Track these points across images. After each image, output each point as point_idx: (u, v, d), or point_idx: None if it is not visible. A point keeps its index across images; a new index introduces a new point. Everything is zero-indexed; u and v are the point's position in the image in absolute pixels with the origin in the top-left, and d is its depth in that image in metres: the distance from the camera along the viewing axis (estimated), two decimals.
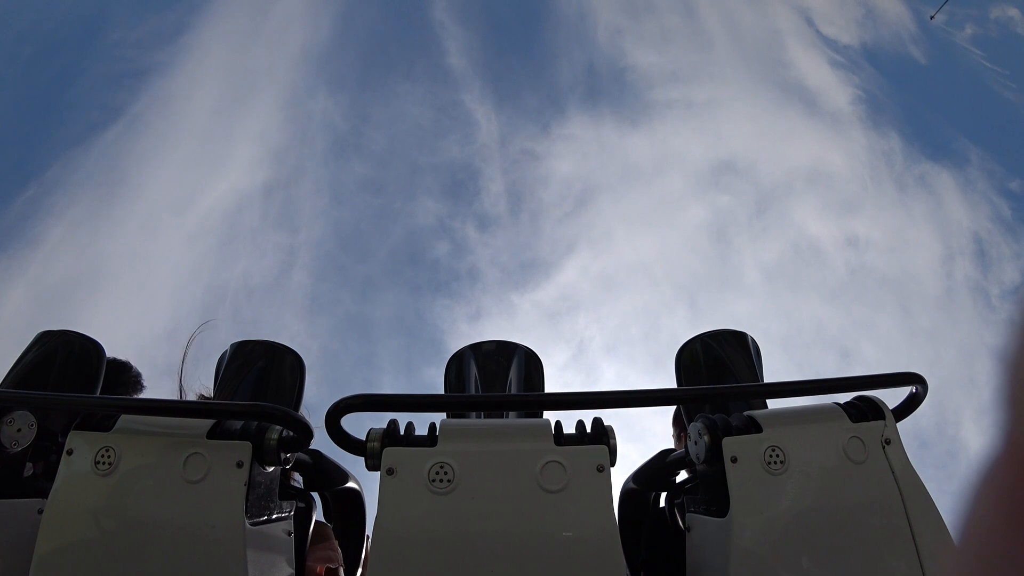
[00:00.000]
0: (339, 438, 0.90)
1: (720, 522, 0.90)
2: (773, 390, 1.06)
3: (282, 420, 0.90)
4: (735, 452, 0.90)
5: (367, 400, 0.90)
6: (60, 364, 1.16)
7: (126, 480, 0.86)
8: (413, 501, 0.83)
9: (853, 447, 0.92)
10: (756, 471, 0.89)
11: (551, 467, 0.86)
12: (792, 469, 0.90)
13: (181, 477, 0.85)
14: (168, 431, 0.90)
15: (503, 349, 1.32)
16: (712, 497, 0.94)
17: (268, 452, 0.90)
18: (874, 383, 1.02)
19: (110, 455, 0.87)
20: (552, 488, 0.84)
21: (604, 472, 0.87)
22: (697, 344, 1.26)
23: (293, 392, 1.20)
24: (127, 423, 0.91)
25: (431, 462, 0.85)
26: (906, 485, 0.91)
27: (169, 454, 0.87)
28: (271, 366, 1.20)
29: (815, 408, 1.00)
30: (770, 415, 0.98)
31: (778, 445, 0.91)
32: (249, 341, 1.22)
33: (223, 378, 1.18)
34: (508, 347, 1.32)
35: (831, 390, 1.02)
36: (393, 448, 0.87)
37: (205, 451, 0.87)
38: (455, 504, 0.83)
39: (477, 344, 1.33)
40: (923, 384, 1.03)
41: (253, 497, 0.88)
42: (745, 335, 1.26)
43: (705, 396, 1.15)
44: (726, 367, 1.22)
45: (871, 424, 0.95)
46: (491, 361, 1.31)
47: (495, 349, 1.32)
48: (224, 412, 0.94)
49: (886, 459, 0.93)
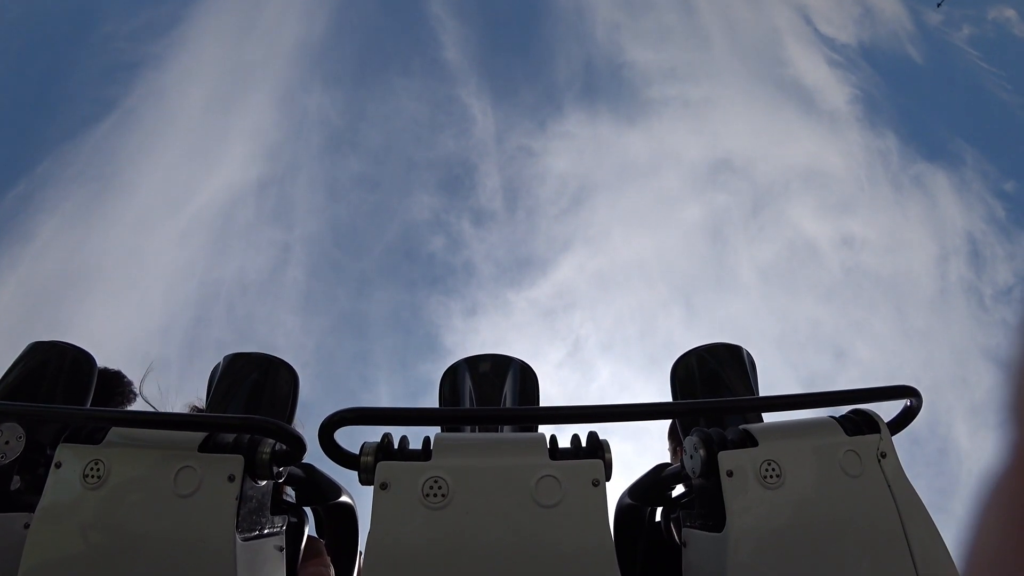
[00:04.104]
0: (332, 452, 0.89)
1: (716, 537, 0.89)
2: (768, 403, 1.06)
3: (275, 433, 0.90)
4: (731, 466, 0.90)
5: (361, 414, 0.90)
6: (50, 375, 1.14)
7: (115, 494, 0.84)
8: (407, 516, 0.82)
9: (849, 461, 0.92)
10: (752, 485, 0.89)
11: (546, 481, 0.85)
12: (788, 483, 0.89)
13: (172, 491, 0.84)
14: (159, 444, 0.89)
15: (498, 362, 1.32)
16: (708, 512, 0.94)
17: (260, 466, 0.89)
18: (869, 396, 1.02)
19: (99, 468, 0.85)
20: (547, 503, 0.84)
21: (599, 486, 0.86)
22: (692, 358, 1.26)
23: (287, 405, 1.19)
24: (117, 436, 0.90)
25: (425, 476, 0.84)
26: (902, 499, 0.91)
27: (160, 467, 0.86)
28: (265, 379, 1.19)
29: (811, 422, 1.00)
30: (766, 429, 0.97)
31: (774, 459, 0.91)
32: (243, 354, 1.21)
33: (216, 391, 1.17)
34: (503, 360, 1.32)
35: (826, 403, 1.02)
36: (387, 462, 0.86)
37: (196, 464, 0.86)
38: (449, 519, 0.82)
39: (471, 357, 1.33)
40: (918, 397, 1.03)
41: (245, 511, 0.87)
42: (740, 348, 1.26)
43: (700, 410, 1.15)
44: (721, 381, 1.22)
45: (867, 438, 0.96)
46: (486, 374, 1.30)
47: (490, 362, 1.32)
48: (216, 425, 0.93)
49: (882, 473, 0.93)
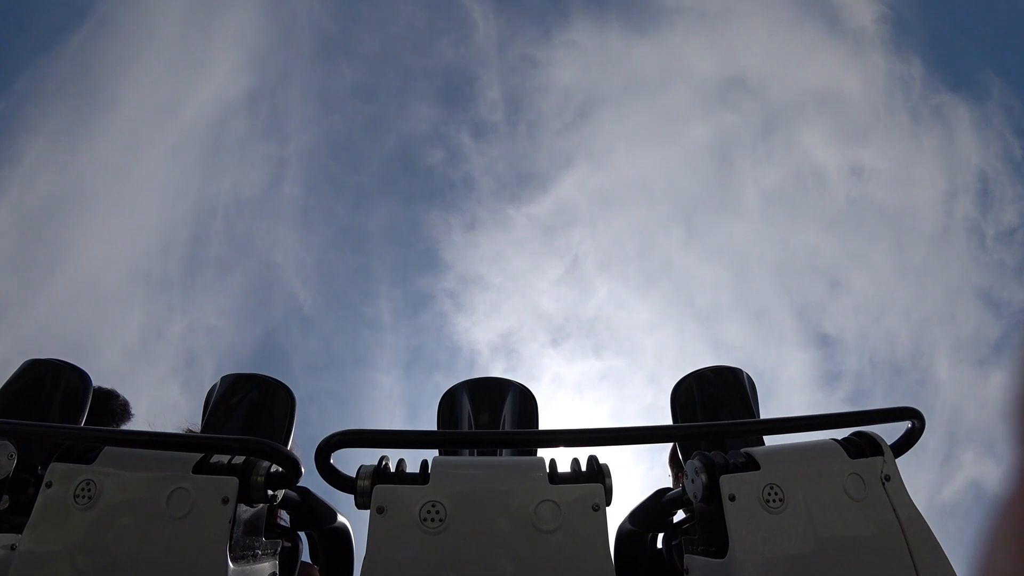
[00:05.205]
0: (328, 475, 0.88)
1: (719, 563, 0.87)
2: (770, 426, 1.06)
3: (271, 455, 0.88)
4: (733, 490, 0.89)
5: (358, 436, 0.89)
6: (45, 393, 1.13)
7: (106, 515, 0.83)
8: (403, 541, 0.81)
9: (852, 484, 0.91)
10: (755, 509, 0.88)
11: (545, 506, 0.84)
12: (791, 507, 0.88)
13: (164, 513, 0.83)
14: (153, 464, 0.88)
15: (496, 385, 1.31)
16: (710, 537, 0.92)
17: (255, 488, 0.88)
18: (871, 418, 1.01)
19: (90, 488, 0.84)
20: (546, 528, 0.82)
21: (600, 511, 0.85)
22: (692, 381, 1.25)
23: (283, 427, 1.17)
24: (111, 455, 0.88)
25: (423, 501, 0.83)
26: (908, 522, 0.89)
27: (152, 488, 0.84)
28: (261, 400, 1.18)
29: (813, 445, 0.99)
30: (768, 452, 0.96)
31: (776, 483, 0.89)
32: (239, 375, 1.20)
33: (212, 411, 1.16)
34: (501, 384, 1.31)
35: (828, 426, 1.01)
36: (384, 486, 0.85)
37: (190, 486, 0.85)
38: (447, 544, 0.81)
39: (470, 381, 1.32)
40: (920, 419, 1.02)
41: (238, 535, 0.85)
42: (740, 371, 1.26)
43: (701, 433, 1.14)
44: (722, 403, 1.21)
45: (870, 460, 0.94)
46: (484, 397, 1.29)
47: (488, 385, 1.31)
48: (211, 445, 0.92)
49: (886, 496, 0.91)
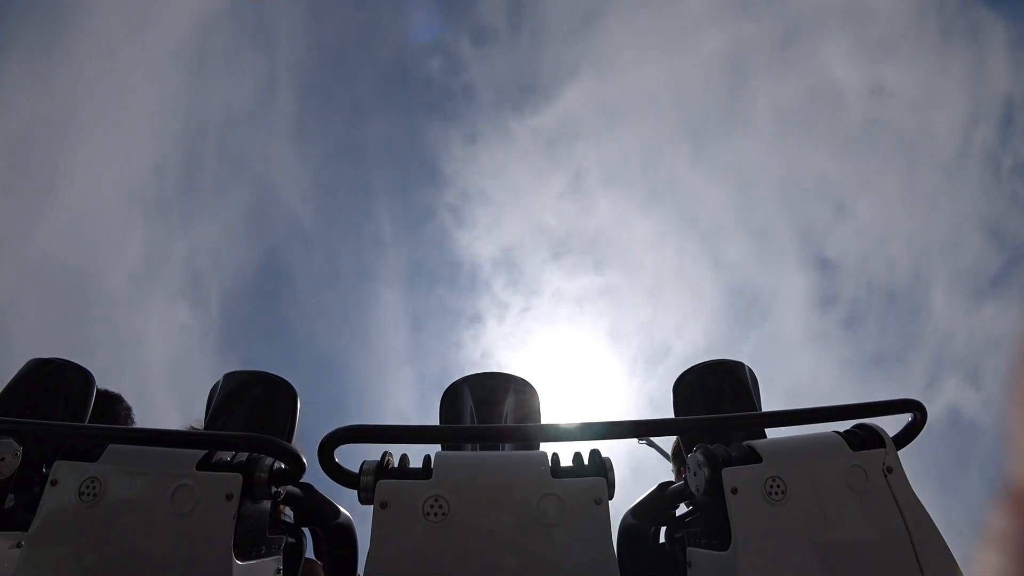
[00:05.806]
0: (332, 470, 0.88)
1: (722, 556, 0.88)
2: (772, 419, 1.06)
3: (274, 451, 0.89)
4: (735, 483, 0.89)
5: (360, 431, 0.89)
6: (49, 393, 1.14)
7: (111, 512, 0.83)
8: (407, 536, 0.81)
9: (854, 476, 0.91)
10: (757, 502, 0.88)
11: (548, 500, 0.84)
12: (793, 499, 0.88)
13: (168, 510, 0.83)
14: (157, 462, 0.88)
15: (499, 380, 1.31)
16: (713, 530, 0.92)
17: (259, 485, 0.88)
18: (873, 411, 1.01)
19: (95, 486, 0.84)
20: (549, 522, 0.83)
21: (602, 505, 0.85)
22: (693, 375, 1.25)
23: (286, 424, 1.18)
24: (115, 453, 0.89)
25: (426, 496, 0.83)
26: (910, 514, 0.89)
27: (157, 485, 0.85)
28: (264, 396, 1.18)
29: (815, 437, 0.99)
30: (770, 445, 0.96)
31: (778, 475, 0.90)
32: (242, 371, 1.21)
33: (215, 408, 1.16)
34: (504, 378, 1.31)
35: (830, 418, 1.01)
36: (387, 481, 0.85)
37: (194, 483, 0.85)
38: (450, 539, 0.81)
39: (472, 376, 1.32)
40: (922, 411, 1.02)
41: (242, 532, 0.86)
42: (742, 365, 1.26)
43: (703, 426, 1.14)
44: (724, 397, 1.21)
45: (872, 452, 0.94)
46: (486, 392, 1.29)
47: (491, 380, 1.31)
48: (215, 442, 0.92)
49: (888, 488, 0.91)
